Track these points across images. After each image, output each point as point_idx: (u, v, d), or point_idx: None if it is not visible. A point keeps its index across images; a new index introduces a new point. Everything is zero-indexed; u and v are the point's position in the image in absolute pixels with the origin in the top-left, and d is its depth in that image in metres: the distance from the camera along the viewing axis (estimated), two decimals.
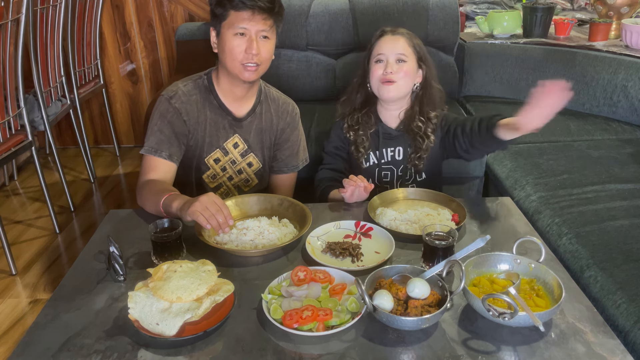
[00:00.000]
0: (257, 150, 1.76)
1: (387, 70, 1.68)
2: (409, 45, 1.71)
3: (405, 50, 1.69)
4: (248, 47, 1.54)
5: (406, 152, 1.79)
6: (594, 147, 2.26)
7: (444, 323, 1.10)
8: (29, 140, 2.59)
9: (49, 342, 1.07)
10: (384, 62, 1.69)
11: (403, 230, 1.42)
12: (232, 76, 1.61)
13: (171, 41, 3.52)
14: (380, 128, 1.79)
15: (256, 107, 1.73)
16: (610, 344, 1.04)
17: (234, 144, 1.72)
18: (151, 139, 1.61)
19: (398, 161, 1.80)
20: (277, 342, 1.05)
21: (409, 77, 1.70)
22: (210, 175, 1.74)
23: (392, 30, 1.73)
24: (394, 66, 1.68)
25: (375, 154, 1.81)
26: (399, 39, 1.71)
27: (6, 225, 2.80)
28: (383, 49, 1.70)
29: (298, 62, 2.86)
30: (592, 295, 1.46)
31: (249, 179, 1.80)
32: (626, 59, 2.53)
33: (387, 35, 1.72)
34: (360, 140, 1.78)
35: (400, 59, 1.69)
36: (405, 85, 1.71)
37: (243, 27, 1.53)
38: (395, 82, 1.68)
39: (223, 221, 1.30)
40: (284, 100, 1.80)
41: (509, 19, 2.95)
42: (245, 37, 1.54)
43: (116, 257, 1.25)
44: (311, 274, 1.18)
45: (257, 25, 1.54)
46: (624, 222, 1.69)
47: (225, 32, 1.55)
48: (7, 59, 2.39)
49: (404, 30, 1.74)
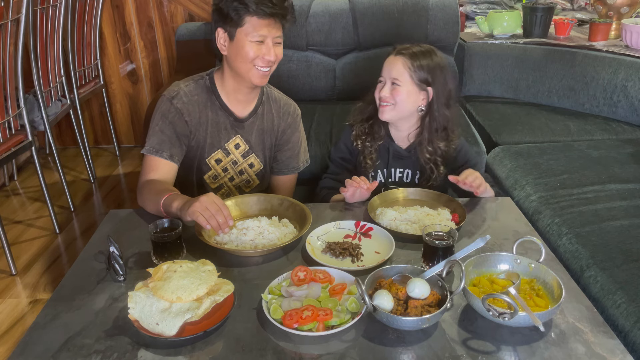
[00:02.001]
0: (258, 151, 1.76)
1: (381, 94, 1.67)
2: (406, 67, 1.64)
3: (401, 75, 1.64)
4: (266, 53, 1.54)
5: (414, 175, 1.77)
6: (594, 147, 2.26)
7: (444, 323, 1.10)
8: (29, 140, 2.59)
9: (49, 342, 1.07)
10: (383, 83, 1.69)
11: (403, 230, 1.42)
12: (240, 79, 1.61)
13: (171, 41, 3.52)
14: (391, 146, 1.76)
15: (258, 108, 1.73)
16: (610, 344, 1.04)
17: (236, 144, 1.72)
18: (152, 138, 1.61)
19: (406, 183, 1.79)
20: (277, 342, 1.05)
21: (403, 102, 1.66)
22: (211, 175, 1.74)
23: (398, 50, 1.67)
24: (388, 89, 1.66)
25: (382, 172, 1.79)
26: (397, 60, 1.66)
27: (6, 225, 2.80)
28: (383, 70, 1.69)
29: (298, 62, 2.86)
30: (592, 295, 1.46)
31: (250, 179, 1.80)
32: (626, 59, 2.53)
33: (390, 56, 1.69)
34: (368, 151, 1.75)
35: (394, 82, 1.66)
36: (401, 109, 1.67)
37: (263, 35, 1.53)
38: (388, 105, 1.67)
39: (223, 222, 1.31)
40: (285, 102, 1.80)
41: (509, 19, 2.95)
42: (263, 43, 1.54)
43: (116, 257, 1.25)
44: (311, 274, 1.18)
45: (274, 32, 1.54)
46: (624, 222, 1.69)
47: (242, 37, 1.53)
48: (7, 59, 2.39)
49: (416, 51, 1.66)
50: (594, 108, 2.63)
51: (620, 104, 2.54)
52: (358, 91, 2.84)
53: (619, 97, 2.53)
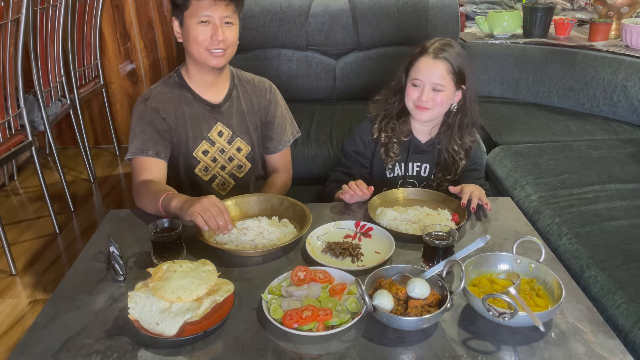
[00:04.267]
0: (243, 134, 1.76)
1: (422, 98, 1.62)
2: (448, 72, 1.61)
3: (443, 79, 1.61)
4: (213, 34, 1.55)
5: (432, 169, 1.77)
6: (594, 147, 2.26)
7: (444, 323, 1.10)
8: (29, 140, 2.59)
9: (49, 342, 1.07)
10: (420, 88, 1.63)
11: (403, 230, 1.42)
12: (199, 64, 1.62)
13: (171, 41, 3.52)
14: (412, 141, 1.75)
15: (232, 91, 1.74)
16: (610, 344, 1.04)
17: (219, 132, 1.72)
18: (135, 141, 1.62)
19: (422, 177, 1.78)
20: (277, 342, 1.05)
21: (444, 104, 1.65)
22: (202, 168, 1.74)
23: (435, 52, 1.61)
24: (430, 94, 1.62)
25: (400, 166, 1.77)
26: (438, 65, 1.60)
27: (6, 225, 2.80)
28: (421, 73, 1.62)
29: (298, 62, 2.86)
30: (592, 295, 1.46)
31: (242, 164, 1.80)
32: (626, 59, 2.53)
33: (427, 58, 1.62)
34: (391, 145, 1.73)
35: (436, 88, 1.61)
36: (440, 111, 1.67)
37: (207, 14, 1.54)
38: (430, 109, 1.64)
39: (223, 225, 1.31)
40: (259, 80, 1.81)
41: (509, 19, 2.95)
42: (209, 24, 1.55)
43: (116, 257, 1.25)
44: (311, 274, 1.18)
45: (219, 12, 1.54)
46: (624, 222, 1.69)
47: (189, 21, 1.56)
48: (7, 59, 2.39)
49: (449, 50, 1.62)
50: (594, 108, 2.63)
51: (620, 104, 2.54)
52: (358, 91, 2.88)
53: (619, 97, 2.53)
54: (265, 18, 2.78)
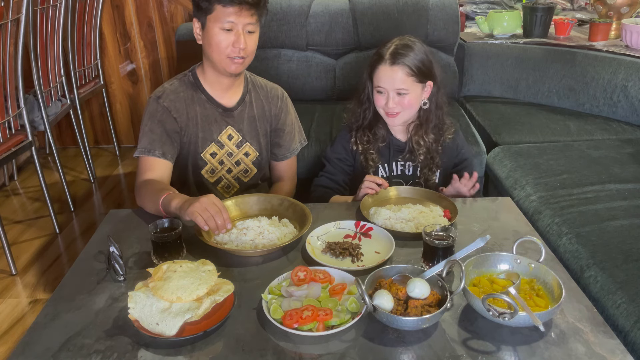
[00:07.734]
0: (252, 139, 1.77)
1: (389, 105, 1.64)
2: (408, 75, 1.61)
3: (404, 83, 1.62)
4: (235, 41, 1.55)
5: (416, 167, 1.78)
6: (594, 147, 2.26)
7: (444, 323, 1.10)
8: (29, 140, 2.59)
9: (49, 342, 1.07)
10: (385, 94, 1.65)
11: (399, 228, 1.43)
12: (217, 68, 1.62)
13: (171, 41, 3.52)
14: (391, 141, 1.76)
15: (245, 96, 1.74)
16: (610, 344, 1.04)
17: (228, 135, 1.73)
18: (143, 140, 1.62)
19: (408, 176, 1.79)
20: (277, 342, 1.05)
21: (412, 105, 1.67)
22: (208, 170, 1.74)
23: (391, 59, 1.61)
24: (395, 99, 1.64)
25: (384, 167, 1.79)
26: (396, 71, 1.61)
27: (6, 225, 2.80)
28: (382, 81, 1.64)
29: (298, 62, 2.86)
30: (592, 295, 1.46)
31: (248, 169, 1.80)
32: (626, 59, 2.53)
33: (384, 65, 1.63)
34: (369, 154, 1.75)
35: (400, 92, 1.63)
36: (411, 112, 1.69)
37: (230, 21, 1.54)
38: (400, 113, 1.66)
39: (221, 224, 1.31)
40: (271, 87, 1.82)
41: (509, 19, 2.95)
42: (232, 31, 1.55)
43: (116, 257, 1.25)
44: (311, 274, 1.18)
45: (244, 20, 1.55)
46: (624, 222, 1.69)
47: (212, 25, 1.55)
48: (7, 59, 2.39)
49: (405, 52, 1.61)
50: (594, 108, 2.63)
51: (620, 104, 2.54)
52: None
53: (619, 97, 2.53)
54: (265, 18, 2.77)
